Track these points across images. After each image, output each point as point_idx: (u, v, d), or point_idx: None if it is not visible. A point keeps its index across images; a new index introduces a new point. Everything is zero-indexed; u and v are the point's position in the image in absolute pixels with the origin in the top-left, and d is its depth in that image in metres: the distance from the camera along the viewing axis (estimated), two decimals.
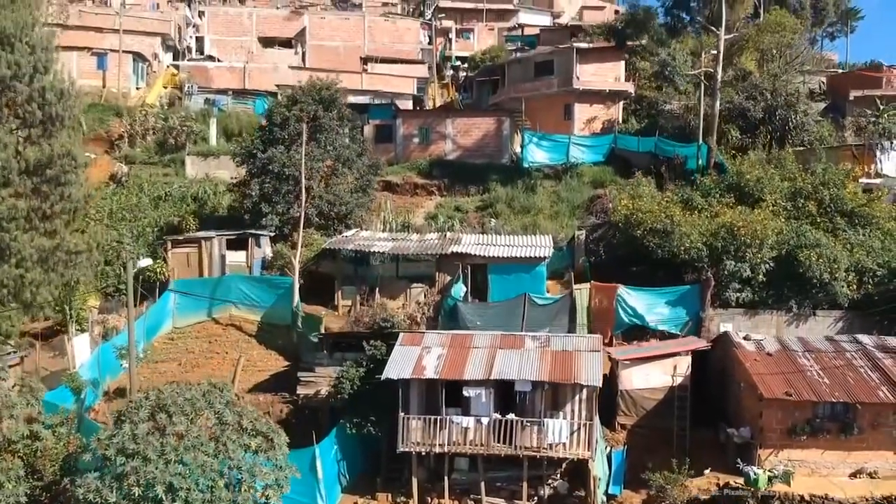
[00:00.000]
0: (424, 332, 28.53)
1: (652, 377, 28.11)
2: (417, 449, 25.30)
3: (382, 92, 55.04)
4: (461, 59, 71.40)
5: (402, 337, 27.57)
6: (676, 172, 44.09)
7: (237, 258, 35.93)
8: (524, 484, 25.31)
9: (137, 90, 57.11)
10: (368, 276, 34.65)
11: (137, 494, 18.01)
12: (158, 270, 35.47)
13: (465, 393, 25.27)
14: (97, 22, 59.85)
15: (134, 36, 58.76)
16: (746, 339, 28.51)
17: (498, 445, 25.09)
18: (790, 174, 36.57)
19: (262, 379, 30.37)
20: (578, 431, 25.05)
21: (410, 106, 55.86)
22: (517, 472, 25.44)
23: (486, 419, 25.15)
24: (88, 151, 47.84)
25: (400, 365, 25.70)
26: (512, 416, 25.17)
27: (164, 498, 17.99)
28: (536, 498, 25.51)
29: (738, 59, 46.74)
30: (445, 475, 25.54)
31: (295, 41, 66.77)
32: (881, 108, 48.01)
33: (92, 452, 19.43)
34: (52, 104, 29.02)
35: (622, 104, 52.06)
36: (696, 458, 25.93)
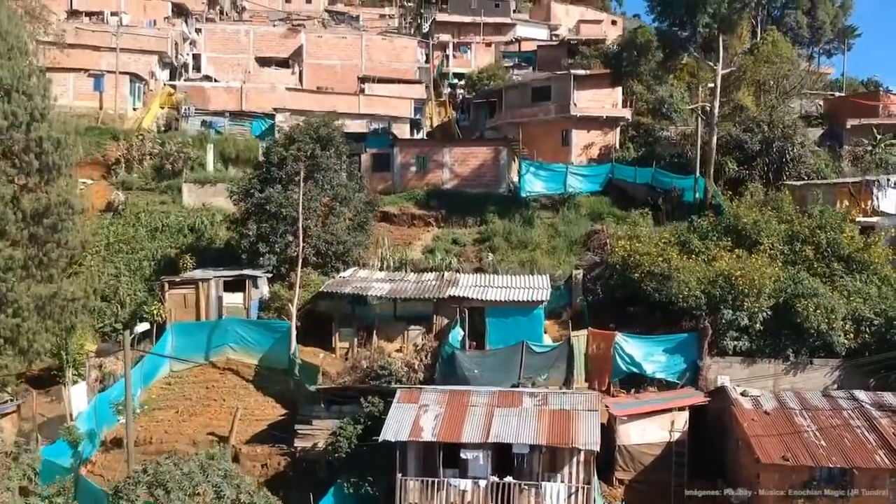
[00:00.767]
0: (421, 388, 28.47)
1: (649, 432, 28.17)
2: None
3: (380, 116, 54.79)
4: (458, 75, 71.14)
5: (399, 394, 27.57)
6: (673, 204, 44.24)
7: (234, 300, 35.82)
8: None
9: (134, 111, 56.77)
10: (366, 315, 34.78)
11: None
12: (155, 311, 35.50)
13: (462, 455, 25.31)
14: (94, 40, 59.70)
15: (131, 54, 58.46)
16: (744, 394, 28.45)
17: None
18: (787, 216, 36.56)
19: (259, 429, 30.26)
20: (576, 494, 25.10)
21: (408, 129, 55.69)
22: None
23: (483, 482, 25.17)
24: (85, 176, 48.02)
25: (397, 426, 25.72)
26: (509, 478, 25.18)
27: None
28: None
29: (735, 93, 46.67)
30: None
31: (292, 60, 66.64)
32: (878, 137, 48.18)
33: None
34: (48, 153, 28.96)
35: (619, 129, 52.06)
36: None
